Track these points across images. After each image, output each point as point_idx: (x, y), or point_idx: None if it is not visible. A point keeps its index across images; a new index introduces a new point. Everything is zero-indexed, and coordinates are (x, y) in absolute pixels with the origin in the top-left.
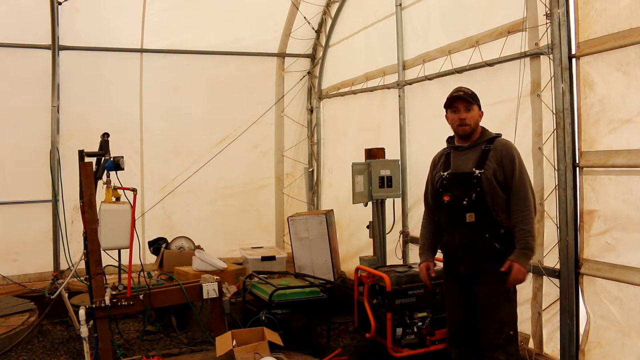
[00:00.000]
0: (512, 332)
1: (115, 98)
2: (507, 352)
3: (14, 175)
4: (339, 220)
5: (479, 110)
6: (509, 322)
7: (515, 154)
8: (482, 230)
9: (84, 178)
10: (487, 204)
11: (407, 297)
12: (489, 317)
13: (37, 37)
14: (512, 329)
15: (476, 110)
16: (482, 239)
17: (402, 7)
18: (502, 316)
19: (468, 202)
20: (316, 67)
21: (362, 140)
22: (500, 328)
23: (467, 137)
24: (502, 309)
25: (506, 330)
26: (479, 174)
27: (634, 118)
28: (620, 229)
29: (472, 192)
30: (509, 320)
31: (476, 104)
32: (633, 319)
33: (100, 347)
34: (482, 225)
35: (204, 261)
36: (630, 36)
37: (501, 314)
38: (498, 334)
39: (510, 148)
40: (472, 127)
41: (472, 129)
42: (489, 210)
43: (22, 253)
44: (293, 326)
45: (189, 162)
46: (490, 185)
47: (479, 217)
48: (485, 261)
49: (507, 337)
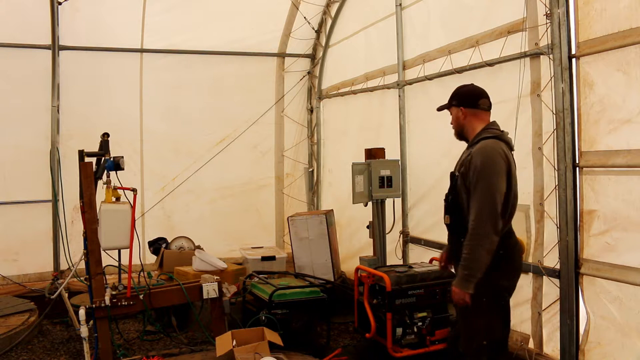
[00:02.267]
0: (484, 343)
1: (115, 98)
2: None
3: (14, 175)
4: (339, 220)
5: (457, 108)
6: (479, 333)
7: (480, 162)
8: (457, 233)
9: (84, 178)
10: (461, 207)
11: (407, 297)
12: (462, 326)
13: (37, 37)
14: (485, 339)
15: (454, 110)
16: (457, 243)
17: (402, 7)
18: (471, 326)
19: (446, 204)
20: (316, 67)
21: (362, 140)
22: (471, 337)
23: (463, 139)
24: (472, 320)
25: (477, 340)
26: (456, 176)
27: (634, 118)
28: (620, 229)
29: (450, 194)
30: (479, 331)
31: (452, 105)
32: (632, 319)
33: (100, 347)
34: (456, 228)
35: (204, 261)
36: (630, 36)
37: (471, 324)
38: (469, 343)
39: (477, 155)
40: (456, 129)
41: (457, 131)
42: (462, 214)
43: (22, 253)
44: (293, 326)
45: (189, 162)
46: (461, 189)
47: (454, 220)
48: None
49: (478, 347)
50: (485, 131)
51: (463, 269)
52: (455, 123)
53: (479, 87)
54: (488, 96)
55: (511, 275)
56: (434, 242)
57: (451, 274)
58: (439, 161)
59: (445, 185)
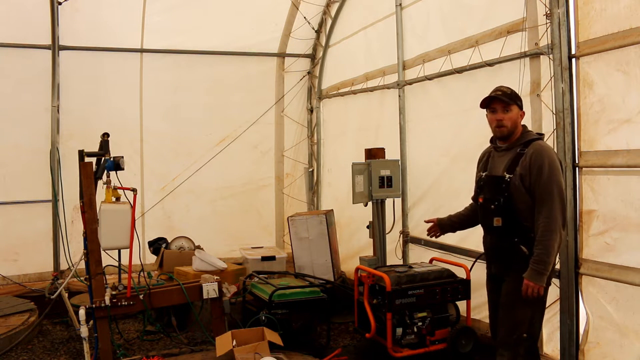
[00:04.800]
0: (525, 335)
1: (115, 98)
2: (515, 353)
3: (14, 175)
4: (338, 220)
5: (519, 110)
6: (522, 324)
7: (546, 161)
8: (510, 234)
9: (84, 178)
10: (514, 209)
11: (407, 297)
12: (505, 316)
13: (37, 37)
14: (526, 332)
15: (515, 110)
16: (510, 243)
17: (402, 7)
18: (516, 317)
19: (496, 206)
20: (316, 67)
21: (362, 140)
22: (513, 328)
23: (505, 139)
24: (518, 310)
25: (519, 331)
26: (508, 179)
27: (634, 118)
28: (619, 229)
29: (500, 196)
30: (523, 322)
31: (515, 104)
32: (630, 319)
33: (100, 347)
34: (509, 229)
35: (204, 261)
36: (630, 36)
37: (516, 314)
38: (510, 333)
39: (541, 154)
40: (509, 128)
41: (510, 131)
42: (516, 216)
43: (22, 253)
44: (293, 326)
45: (189, 162)
46: (518, 191)
47: (506, 222)
48: (512, 264)
49: (518, 338)
50: (528, 133)
51: (537, 263)
52: (512, 123)
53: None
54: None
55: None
56: (434, 242)
57: (451, 274)
58: (438, 161)
59: (447, 185)
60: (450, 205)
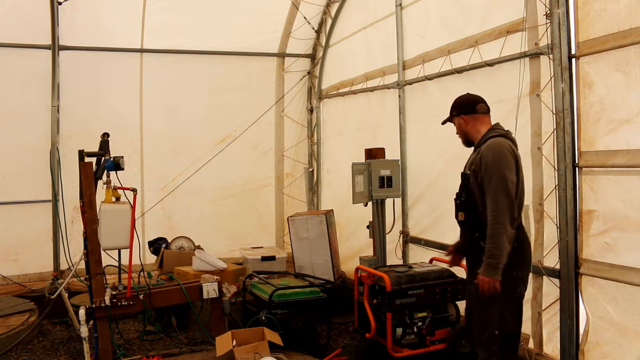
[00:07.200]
0: (496, 332)
1: (115, 98)
2: (489, 351)
3: (14, 175)
4: (338, 220)
5: (458, 117)
6: (492, 321)
7: (490, 154)
8: (471, 229)
9: (84, 178)
10: (474, 204)
11: (407, 297)
12: (475, 315)
13: (37, 37)
14: (498, 329)
15: (456, 120)
16: (471, 238)
17: (402, 7)
18: (485, 315)
19: (461, 201)
20: (316, 67)
21: (362, 140)
22: (484, 326)
23: (470, 145)
24: (486, 308)
25: (490, 329)
26: (468, 175)
27: (634, 118)
28: (619, 229)
29: (462, 192)
30: (492, 319)
31: (453, 116)
32: (629, 320)
33: (100, 347)
34: (470, 224)
35: (204, 261)
36: (630, 36)
37: (485, 313)
38: (481, 332)
39: (488, 151)
40: (463, 137)
41: (466, 139)
42: (476, 211)
43: (22, 253)
44: (293, 326)
45: (189, 162)
46: (474, 186)
47: (468, 217)
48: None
49: (490, 336)
50: (491, 131)
51: (488, 257)
52: (460, 131)
53: (474, 94)
54: (484, 101)
55: (523, 266)
56: (434, 242)
57: (451, 274)
58: (435, 161)
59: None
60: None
